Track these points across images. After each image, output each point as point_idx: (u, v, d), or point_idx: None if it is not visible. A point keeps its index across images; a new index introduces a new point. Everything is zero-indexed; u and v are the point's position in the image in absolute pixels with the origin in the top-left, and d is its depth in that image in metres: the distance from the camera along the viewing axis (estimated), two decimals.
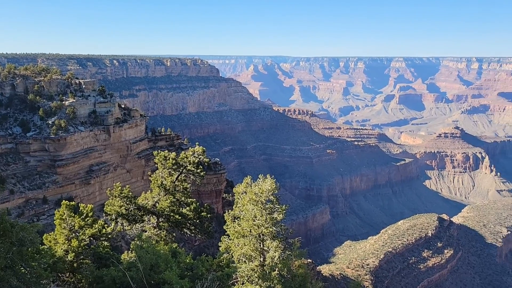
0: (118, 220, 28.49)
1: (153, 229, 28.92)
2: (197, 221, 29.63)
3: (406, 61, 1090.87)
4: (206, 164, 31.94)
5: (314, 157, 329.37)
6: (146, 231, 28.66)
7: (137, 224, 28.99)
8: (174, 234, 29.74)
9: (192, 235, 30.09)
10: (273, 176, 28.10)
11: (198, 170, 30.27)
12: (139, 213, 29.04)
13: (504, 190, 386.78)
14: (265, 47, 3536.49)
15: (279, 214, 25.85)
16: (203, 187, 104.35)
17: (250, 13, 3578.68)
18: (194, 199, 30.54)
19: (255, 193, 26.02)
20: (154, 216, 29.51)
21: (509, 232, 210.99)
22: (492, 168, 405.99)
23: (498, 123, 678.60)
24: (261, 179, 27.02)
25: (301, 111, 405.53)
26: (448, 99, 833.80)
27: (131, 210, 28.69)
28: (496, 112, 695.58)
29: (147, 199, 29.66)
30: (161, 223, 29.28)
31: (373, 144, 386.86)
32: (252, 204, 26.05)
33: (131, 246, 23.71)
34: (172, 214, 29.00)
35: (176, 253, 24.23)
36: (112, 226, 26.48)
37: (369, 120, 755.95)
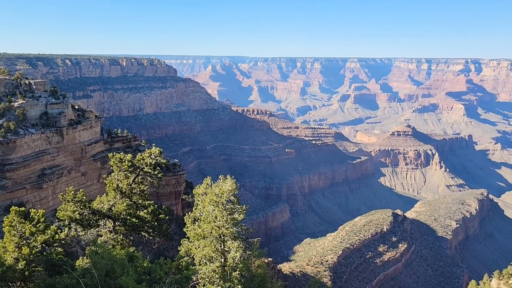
0: (71, 225, 27.44)
1: (109, 234, 28.06)
2: (155, 223, 29.05)
3: (360, 62, 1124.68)
4: (164, 165, 31.41)
5: (273, 157, 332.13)
6: (102, 236, 27.78)
7: (92, 229, 28.03)
8: (131, 237, 29.01)
9: (151, 238, 29.48)
10: (233, 177, 28.07)
11: (156, 172, 29.68)
12: (94, 218, 28.09)
13: (453, 185, 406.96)
14: (223, 47, 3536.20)
15: (240, 214, 25.87)
16: (162, 188, 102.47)
17: (208, 13, 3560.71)
18: (152, 202, 29.93)
19: (215, 194, 25.90)
20: (110, 220, 28.65)
21: (458, 225, 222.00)
22: (441, 164, 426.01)
23: (446, 121, 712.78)
24: (221, 180, 26.94)
25: (259, 111, 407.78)
26: (400, 99, 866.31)
27: (85, 214, 27.71)
28: (444, 110, 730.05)
29: (103, 203, 28.75)
30: (118, 227, 28.47)
31: (330, 143, 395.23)
32: (213, 205, 25.91)
33: (86, 252, 22.91)
34: (128, 217, 28.25)
35: (133, 257, 23.62)
36: (65, 232, 25.48)
37: (326, 119, 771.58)
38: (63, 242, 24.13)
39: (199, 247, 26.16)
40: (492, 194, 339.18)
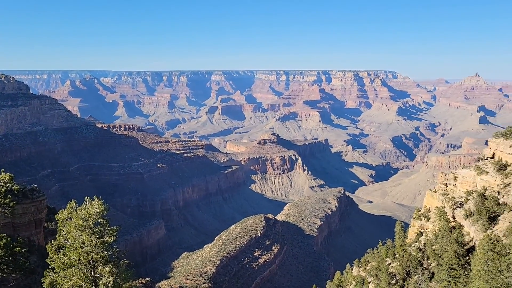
0: None
1: None
2: (10, 258, 25.89)
3: (225, 74, 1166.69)
4: (18, 192, 28.26)
5: (145, 173, 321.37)
6: None
7: None
8: None
9: (5, 275, 26.16)
10: (101, 197, 26.61)
11: (7, 200, 26.58)
12: None
13: (315, 186, 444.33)
14: (82, 61, 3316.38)
15: (110, 236, 24.68)
16: (19, 218, 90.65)
17: (62, 26, 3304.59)
18: (4, 234, 26.65)
19: (81, 218, 24.27)
20: None
21: (322, 223, 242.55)
22: (304, 167, 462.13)
23: (305, 127, 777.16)
24: (87, 202, 25.40)
25: (127, 126, 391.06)
26: (264, 108, 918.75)
27: None
28: (303, 118, 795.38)
29: None
30: None
31: (202, 155, 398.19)
32: (79, 229, 24.22)
33: None
34: None
35: None
36: None
37: (196, 131, 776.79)
38: None
39: (66, 277, 24.13)
40: (348, 191, 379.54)
